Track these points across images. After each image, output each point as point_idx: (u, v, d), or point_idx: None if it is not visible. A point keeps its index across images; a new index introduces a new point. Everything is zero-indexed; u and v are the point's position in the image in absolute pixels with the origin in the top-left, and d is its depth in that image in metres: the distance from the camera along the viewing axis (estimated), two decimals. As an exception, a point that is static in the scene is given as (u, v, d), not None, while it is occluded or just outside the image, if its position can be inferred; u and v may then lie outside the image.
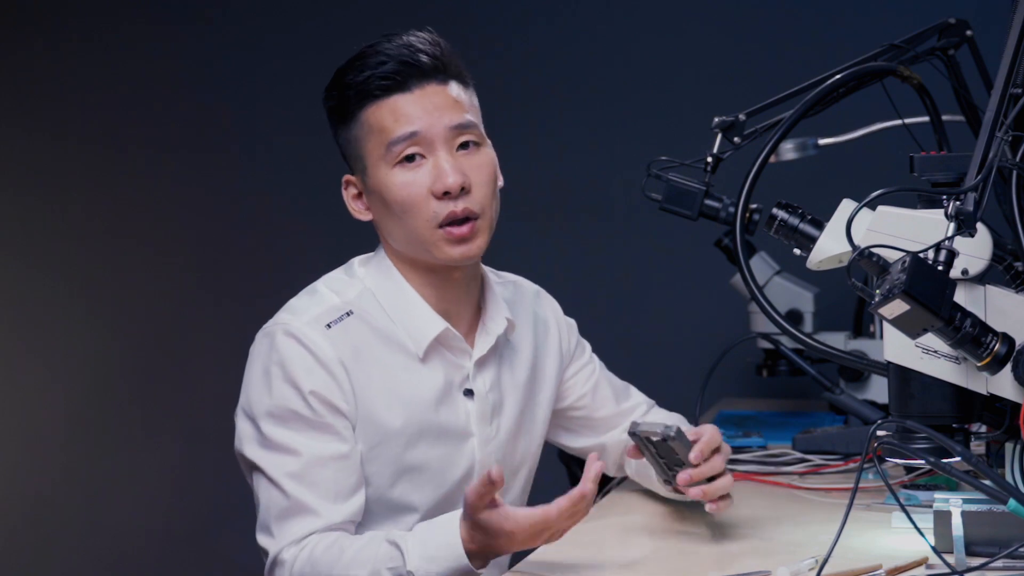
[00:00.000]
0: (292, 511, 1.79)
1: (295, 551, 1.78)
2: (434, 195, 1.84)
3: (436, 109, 1.86)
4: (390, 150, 1.85)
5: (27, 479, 3.72)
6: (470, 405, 1.93)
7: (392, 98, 1.86)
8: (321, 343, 1.84)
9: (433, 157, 1.86)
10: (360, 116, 1.88)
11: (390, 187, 1.86)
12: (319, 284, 1.95)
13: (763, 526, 1.87)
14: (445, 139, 1.86)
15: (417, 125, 1.85)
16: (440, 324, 1.90)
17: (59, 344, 3.73)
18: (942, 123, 2.18)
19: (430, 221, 1.85)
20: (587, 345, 2.19)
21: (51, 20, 3.75)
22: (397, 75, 1.86)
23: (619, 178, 3.26)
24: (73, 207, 3.75)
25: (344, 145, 1.94)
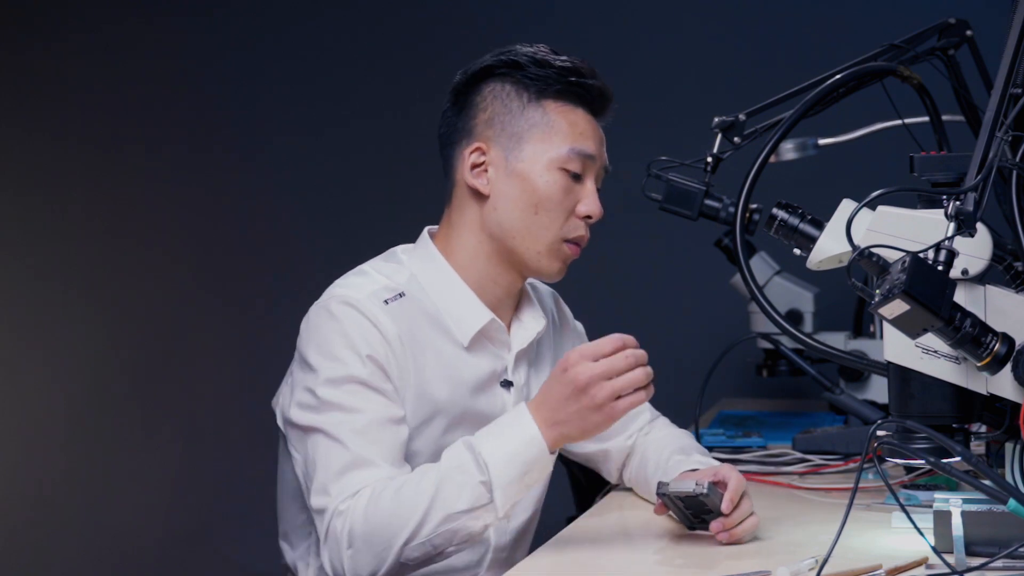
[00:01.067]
0: (352, 464, 1.79)
1: (354, 499, 1.76)
2: (578, 214, 1.94)
3: (603, 144, 2.00)
4: (566, 155, 1.92)
5: (27, 479, 3.72)
6: (507, 396, 1.97)
7: (583, 109, 1.96)
8: (381, 316, 1.86)
9: (588, 181, 1.95)
10: (545, 103, 1.93)
11: (548, 184, 1.91)
12: (367, 267, 1.96)
13: (763, 526, 1.87)
14: (598, 173, 1.97)
15: (596, 150, 1.96)
16: (487, 315, 1.94)
17: (59, 344, 3.73)
18: (942, 123, 2.18)
19: (563, 231, 1.93)
20: None
21: (51, 20, 3.75)
22: (591, 93, 1.95)
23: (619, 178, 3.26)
24: (73, 207, 3.74)
25: (495, 116, 1.94)
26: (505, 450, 1.73)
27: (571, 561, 1.74)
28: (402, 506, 1.73)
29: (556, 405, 1.74)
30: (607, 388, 1.71)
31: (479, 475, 1.72)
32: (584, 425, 1.73)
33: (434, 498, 1.72)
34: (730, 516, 1.78)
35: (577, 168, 1.93)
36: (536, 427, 1.74)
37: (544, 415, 1.74)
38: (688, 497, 1.78)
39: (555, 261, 1.94)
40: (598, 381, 1.71)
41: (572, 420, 1.73)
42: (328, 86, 3.62)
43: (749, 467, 2.27)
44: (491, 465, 1.72)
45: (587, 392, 1.71)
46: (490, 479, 1.72)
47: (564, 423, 1.73)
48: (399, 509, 1.73)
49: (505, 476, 1.72)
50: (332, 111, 3.63)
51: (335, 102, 3.63)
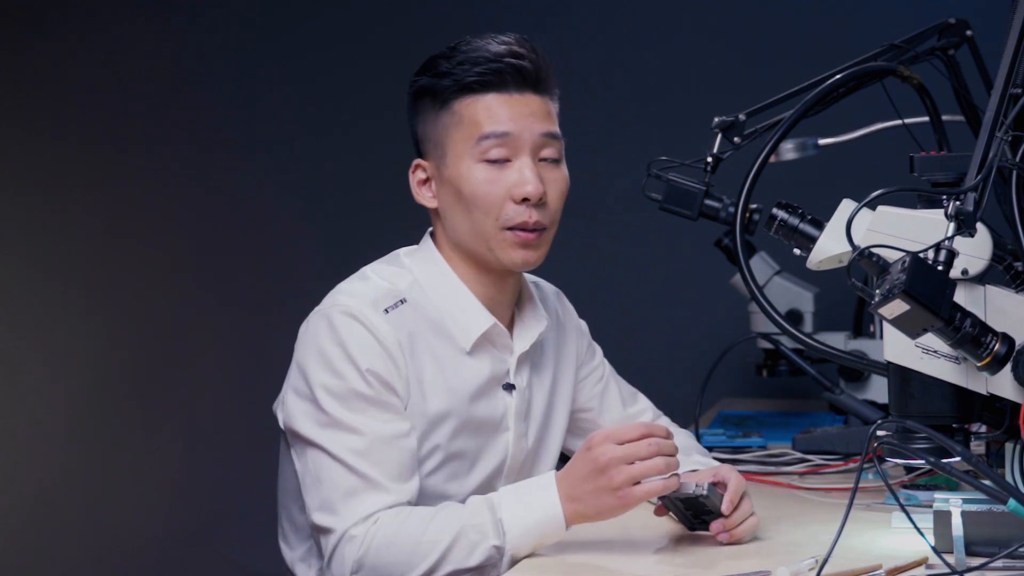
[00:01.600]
0: (360, 488, 1.79)
1: (366, 526, 1.77)
2: (512, 199, 1.87)
3: (531, 115, 1.89)
4: (478, 145, 1.87)
5: (27, 479, 3.72)
6: (509, 400, 1.95)
7: (489, 95, 1.88)
8: (381, 325, 1.85)
9: (518, 161, 1.88)
10: (452, 105, 1.89)
11: (471, 181, 1.88)
12: (368, 271, 1.95)
13: (763, 526, 1.87)
14: (532, 147, 1.89)
15: (510, 127, 1.87)
16: (489, 319, 1.92)
17: (59, 344, 3.73)
18: (942, 123, 2.18)
19: (500, 221, 1.88)
20: (598, 348, 2.21)
21: (51, 20, 3.75)
22: (501, 75, 1.88)
23: (619, 178, 3.26)
24: (73, 207, 3.74)
25: (425, 129, 1.93)
26: (526, 521, 1.74)
27: (571, 561, 1.74)
28: (417, 549, 1.74)
29: (575, 482, 1.75)
30: (626, 472, 1.71)
31: (495, 539, 1.73)
32: (599, 506, 1.73)
33: (448, 549, 1.73)
34: (730, 517, 1.79)
35: (499, 154, 1.87)
36: (559, 505, 1.74)
37: (564, 489, 1.75)
38: (688, 499, 1.78)
39: (509, 251, 1.89)
40: (618, 464, 1.71)
41: (588, 499, 1.73)
42: (329, 86, 3.62)
43: (749, 467, 2.27)
44: (508, 533, 1.74)
45: (606, 473, 1.71)
46: (504, 545, 1.74)
47: (581, 500, 1.74)
48: (413, 552, 1.74)
49: (519, 545, 1.74)
50: (333, 112, 3.63)
51: (336, 103, 3.63)
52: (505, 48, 1.89)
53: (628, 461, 1.71)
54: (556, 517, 1.74)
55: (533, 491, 1.77)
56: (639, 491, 1.71)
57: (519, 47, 1.90)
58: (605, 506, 1.73)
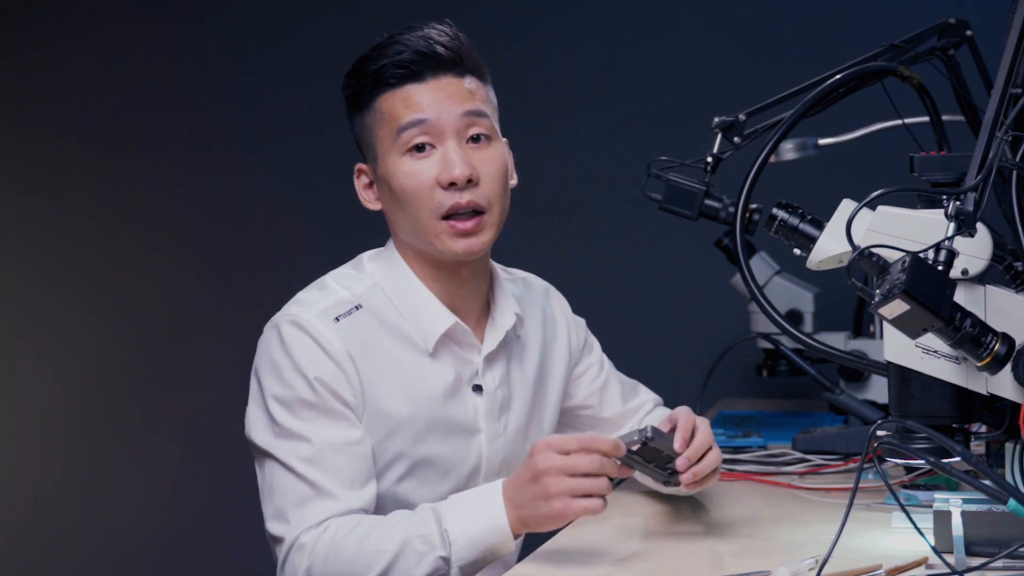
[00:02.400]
0: (310, 496, 1.79)
1: (316, 533, 1.76)
2: (440, 185, 1.85)
3: (448, 98, 1.86)
4: (399, 137, 1.86)
5: (27, 479, 3.72)
6: (479, 401, 1.94)
7: (406, 87, 1.87)
8: (328, 335, 1.84)
9: (442, 147, 1.86)
10: (374, 104, 1.89)
11: (397, 175, 1.87)
12: (328, 278, 1.95)
13: (763, 526, 1.87)
14: (455, 129, 1.86)
15: (427, 113, 1.85)
16: (449, 319, 1.90)
17: (59, 344, 3.73)
18: (942, 123, 2.18)
19: (434, 212, 1.85)
20: (596, 343, 2.20)
21: (51, 20, 3.75)
22: (413, 64, 1.86)
23: (619, 178, 3.26)
24: (73, 207, 3.74)
25: (358, 133, 1.94)
26: (470, 532, 1.72)
27: (570, 562, 1.74)
28: (362, 559, 1.73)
29: (517, 487, 1.73)
30: (564, 483, 1.67)
31: (441, 550, 1.72)
32: (536, 514, 1.70)
33: (394, 560, 1.72)
34: (687, 453, 1.77)
35: (421, 141, 1.85)
36: (504, 513, 1.72)
37: (509, 494, 1.73)
38: (641, 448, 1.73)
39: (447, 242, 1.86)
40: (556, 473, 1.68)
41: (527, 506, 1.71)
42: (329, 86, 3.60)
43: (749, 467, 2.27)
44: (454, 544, 1.72)
45: (540, 481, 1.68)
46: (450, 555, 1.72)
47: (522, 507, 1.72)
48: (359, 561, 1.73)
49: (465, 557, 1.72)
50: (333, 112, 3.61)
51: (336, 103, 3.62)
52: (418, 37, 1.88)
53: (568, 472, 1.67)
54: (502, 527, 1.72)
55: (479, 500, 1.75)
56: (577, 505, 1.68)
57: (433, 33, 1.89)
58: (542, 515, 1.69)
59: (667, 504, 2.02)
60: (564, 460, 1.68)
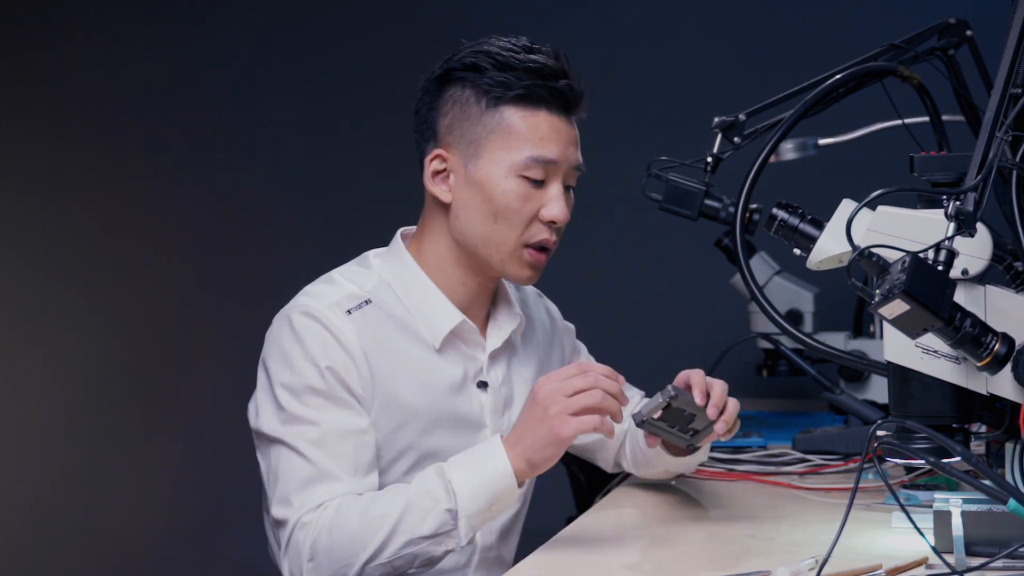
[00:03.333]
0: (315, 478, 1.79)
1: (318, 512, 1.77)
2: (540, 219, 1.88)
3: (571, 145, 1.91)
4: (522, 162, 1.86)
5: (27, 479, 3.72)
6: (484, 397, 1.95)
7: (542, 112, 1.88)
8: (341, 326, 1.85)
9: (552, 184, 1.89)
10: (503, 108, 1.87)
11: (505, 191, 1.87)
12: (334, 274, 1.95)
13: (763, 526, 1.87)
14: (565, 173, 1.90)
15: (557, 154, 1.88)
16: (457, 316, 1.92)
17: (59, 344, 3.73)
18: (942, 123, 2.18)
19: (523, 237, 1.88)
20: (583, 347, 2.23)
21: (51, 20, 3.75)
22: (554, 93, 1.88)
23: (619, 178, 3.27)
24: (73, 207, 3.75)
25: (455, 122, 1.90)
26: (474, 481, 1.74)
27: (571, 561, 1.74)
28: (368, 525, 1.74)
29: (518, 425, 1.76)
30: (561, 402, 1.71)
31: (446, 503, 1.73)
32: (536, 441, 1.73)
33: (399, 520, 1.73)
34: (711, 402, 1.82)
35: (538, 175, 1.87)
36: (507, 460, 1.74)
37: (510, 440, 1.76)
38: (664, 412, 1.78)
39: (521, 268, 1.90)
40: (554, 395, 1.72)
41: (527, 436, 1.73)
42: (328, 86, 3.62)
43: (749, 467, 2.27)
44: (459, 494, 1.73)
45: (541, 404, 1.72)
46: (456, 507, 1.73)
47: (522, 441, 1.74)
48: (364, 527, 1.74)
49: (472, 506, 1.73)
50: (333, 112, 3.63)
51: (335, 103, 3.63)
52: (557, 66, 1.89)
53: (565, 393, 1.72)
54: (504, 469, 1.73)
55: (478, 451, 1.77)
56: (574, 421, 1.71)
57: (567, 67, 1.90)
58: (541, 439, 1.72)
59: (667, 503, 2.02)
60: (560, 383, 1.73)
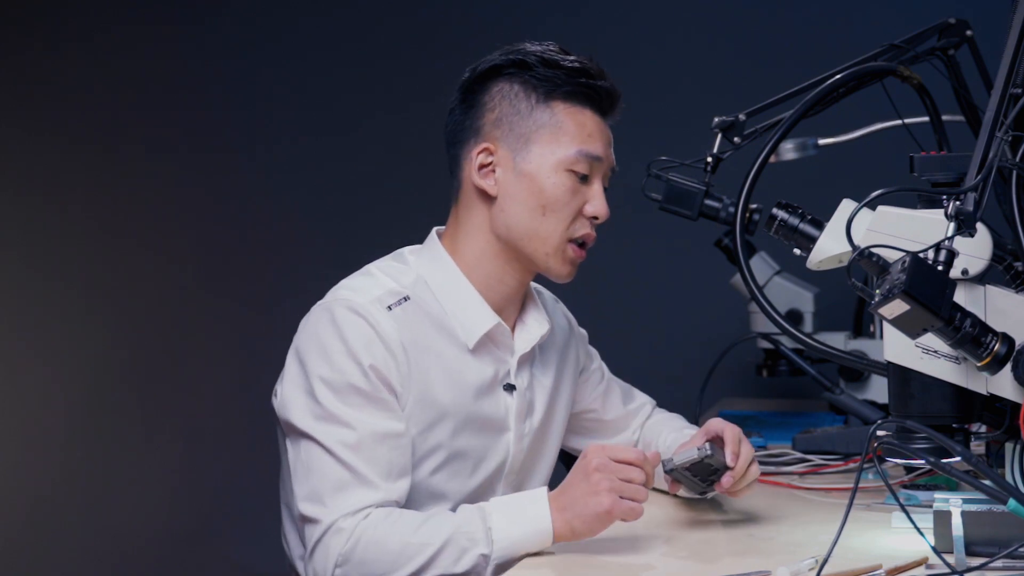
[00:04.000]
0: (349, 483, 1.79)
1: (355, 520, 1.77)
2: (584, 214, 1.92)
3: (610, 145, 1.96)
4: (573, 156, 1.90)
5: (27, 479, 3.72)
6: (510, 400, 1.96)
7: (590, 110, 1.93)
8: (384, 322, 1.85)
9: (595, 181, 1.93)
10: (554, 105, 1.91)
11: (556, 185, 1.90)
12: (373, 268, 1.95)
13: (763, 526, 1.87)
14: (605, 173, 1.95)
15: (602, 151, 1.93)
16: (493, 318, 1.93)
17: (59, 344, 3.73)
18: (942, 123, 2.18)
19: (568, 232, 1.92)
20: (595, 352, 2.24)
21: (51, 20, 3.75)
22: (599, 93, 1.93)
23: (619, 178, 3.26)
24: (73, 207, 3.74)
25: (503, 116, 1.92)
26: (515, 533, 1.75)
27: (571, 561, 1.74)
28: (406, 550, 1.75)
29: (566, 488, 1.78)
30: (615, 483, 1.74)
31: (484, 548, 1.75)
32: (584, 511, 1.75)
33: (436, 554, 1.74)
34: (737, 467, 1.86)
35: (584, 169, 1.91)
36: (551, 523, 1.76)
37: (556, 501, 1.77)
38: (694, 464, 1.84)
39: (563, 263, 1.93)
40: (608, 472, 1.75)
41: (576, 503, 1.75)
42: (330, 86, 3.62)
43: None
44: (496, 542, 1.75)
45: (592, 477, 1.75)
46: (491, 554, 1.75)
47: (568, 507, 1.76)
48: (402, 551, 1.75)
49: (504, 556, 1.76)
50: (333, 111, 3.63)
51: (336, 102, 3.63)
52: (597, 69, 1.95)
53: (619, 475, 1.75)
54: (544, 530, 1.75)
55: (524, 503, 1.78)
56: (624, 504, 1.74)
57: (606, 75, 1.96)
58: (590, 511, 1.74)
59: (667, 504, 2.02)
60: (617, 465, 1.75)
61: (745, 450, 1.88)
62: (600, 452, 1.76)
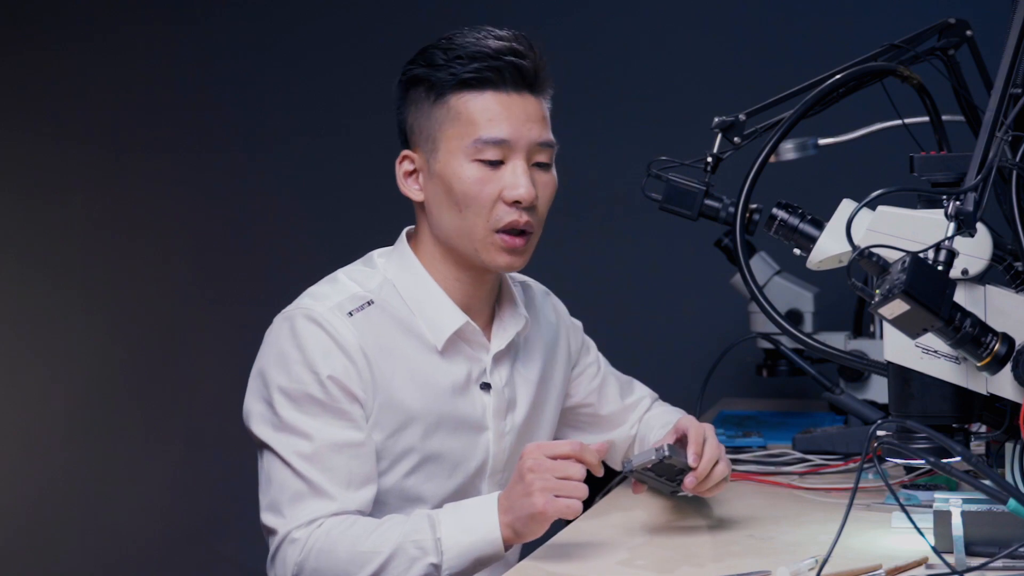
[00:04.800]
0: (305, 493, 1.79)
1: (309, 530, 1.77)
2: (504, 200, 1.86)
3: (528, 120, 1.87)
4: (474, 146, 1.85)
5: (27, 479, 3.72)
6: (487, 399, 1.95)
7: (487, 94, 1.86)
8: (342, 329, 1.84)
9: (511, 163, 1.86)
10: (449, 100, 1.87)
11: (463, 179, 1.86)
12: (339, 273, 1.95)
13: (763, 526, 1.87)
14: (527, 151, 1.88)
15: (507, 132, 1.86)
16: (461, 317, 1.91)
17: (59, 344, 3.73)
18: (942, 123, 2.17)
19: (490, 223, 1.86)
20: (592, 344, 2.22)
21: (51, 20, 3.75)
22: (500, 72, 1.86)
23: (619, 178, 3.27)
24: (73, 207, 3.75)
25: (415, 121, 1.91)
26: (463, 542, 1.74)
27: (571, 561, 1.74)
28: (355, 558, 1.74)
29: (508, 489, 1.76)
30: (548, 482, 1.70)
31: (433, 557, 1.74)
32: (521, 514, 1.72)
33: (386, 562, 1.74)
34: (699, 467, 1.82)
35: (493, 156, 1.85)
36: (498, 527, 1.74)
37: (502, 503, 1.75)
38: (656, 465, 1.80)
39: (496, 254, 1.87)
40: (541, 471, 1.71)
41: (515, 506, 1.73)
42: (328, 87, 3.62)
43: (749, 467, 2.27)
44: (445, 552, 1.74)
45: (526, 478, 1.72)
46: (441, 564, 1.74)
47: (510, 510, 1.74)
48: (351, 560, 1.74)
49: (455, 566, 1.74)
50: (333, 112, 3.63)
51: (335, 103, 3.63)
52: (504, 45, 1.87)
53: (553, 473, 1.71)
54: (494, 539, 1.74)
55: (474, 511, 1.76)
56: (558, 503, 1.70)
57: (518, 44, 1.88)
58: (525, 512, 1.71)
59: (667, 503, 2.02)
60: (551, 462, 1.71)
61: (709, 450, 1.85)
62: (535, 451, 1.73)
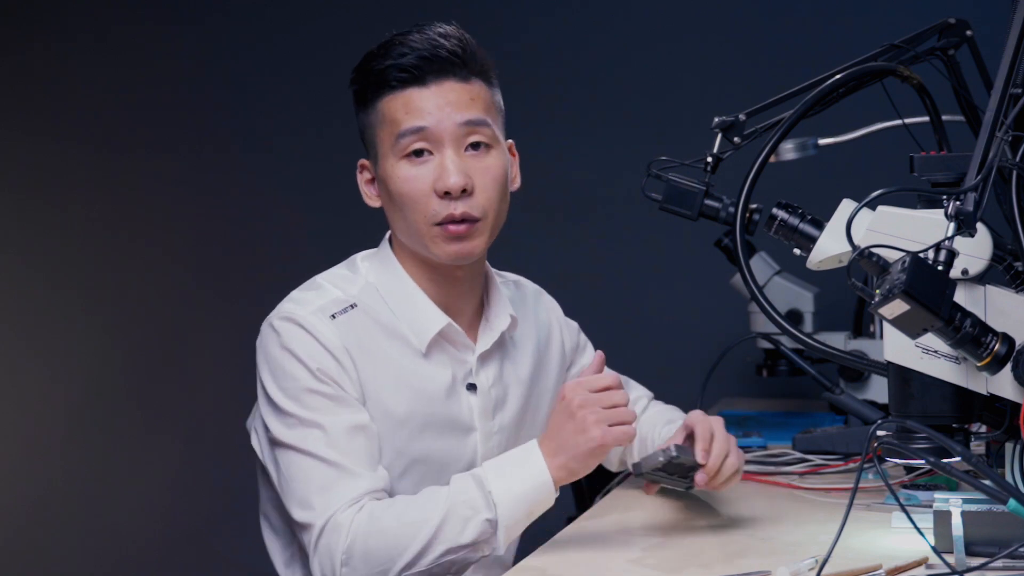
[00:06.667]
0: (334, 478, 1.78)
1: (351, 512, 1.76)
2: (436, 193, 1.85)
3: (449, 105, 1.85)
4: (398, 142, 1.86)
5: (27, 479, 3.72)
6: (473, 400, 1.95)
7: (408, 91, 1.86)
8: (325, 331, 1.85)
9: (440, 155, 1.86)
10: (377, 105, 1.88)
11: (395, 179, 1.87)
12: (320, 279, 1.96)
13: (763, 526, 1.87)
14: (454, 137, 1.86)
15: (427, 120, 1.85)
16: (442, 319, 1.91)
17: (59, 344, 3.73)
18: (942, 123, 2.17)
19: (428, 218, 1.86)
20: (589, 344, 2.23)
21: (51, 20, 3.75)
22: (415, 68, 1.85)
23: (619, 178, 3.27)
24: (73, 207, 3.75)
25: (362, 130, 1.94)
26: (514, 491, 1.75)
27: (570, 561, 1.74)
28: (406, 531, 1.74)
29: (554, 433, 1.77)
30: (601, 414, 1.74)
31: (487, 512, 1.74)
32: (577, 451, 1.75)
33: (439, 528, 1.73)
34: (708, 464, 1.83)
35: (417, 146, 1.85)
36: (547, 471, 1.76)
37: (548, 445, 1.77)
38: (666, 465, 1.81)
39: (443, 245, 1.86)
40: (591, 406, 1.74)
41: (567, 446, 1.75)
42: (327, 87, 3.61)
43: (749, 467, 2.27)
44: (500, 504, 1.74)
45: (577, 416, 1.74)
46: (496, 517, 1.74)
47: (562, 451, 1.76)
48: (402, 534, 1.74)
49: (511, 516, 1.75)
50: (331, 112, 3.62)
51: (335, 103, 3.62)
52: (423, 39, 1.87)
53: (603, 404, 1.75)
54: (545, 482, 1.76)
55: (518, 460, 1.78)
56: (616, 431, 1.74)
57: (438, 35, 1.87)
58: (583, 449, 1.74)
59: (668, 504, 2.02)
60: (597, 395, 1.75)
61: (718, 445, 1.86)
62: (577, 388, 1.76)
